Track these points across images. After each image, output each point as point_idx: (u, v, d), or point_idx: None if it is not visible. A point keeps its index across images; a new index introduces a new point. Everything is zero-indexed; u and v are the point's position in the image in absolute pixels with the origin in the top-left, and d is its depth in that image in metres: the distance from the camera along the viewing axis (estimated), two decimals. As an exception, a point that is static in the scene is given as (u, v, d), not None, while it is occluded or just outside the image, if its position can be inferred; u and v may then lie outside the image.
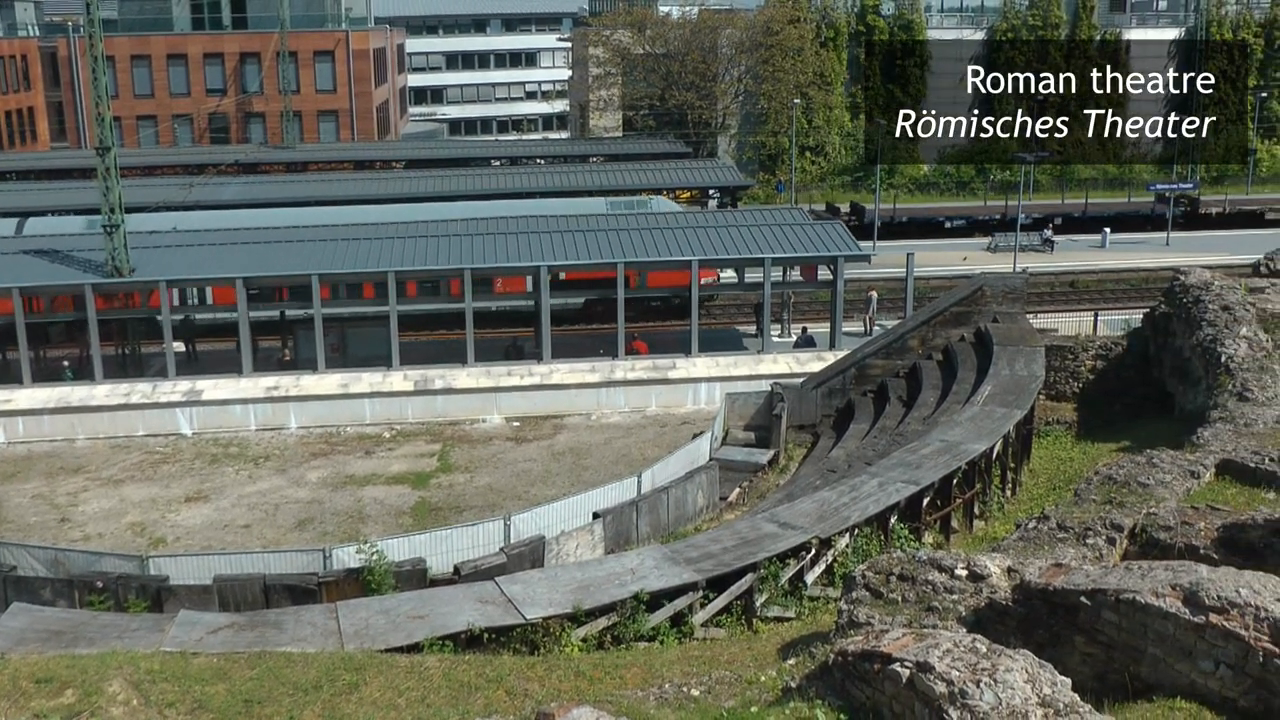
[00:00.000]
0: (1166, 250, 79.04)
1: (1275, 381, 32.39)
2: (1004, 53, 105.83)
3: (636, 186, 68.76)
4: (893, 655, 11.09)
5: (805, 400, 42.85)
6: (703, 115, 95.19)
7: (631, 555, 25.34)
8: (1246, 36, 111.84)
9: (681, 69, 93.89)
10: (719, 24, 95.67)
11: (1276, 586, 12.18)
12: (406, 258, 47.25)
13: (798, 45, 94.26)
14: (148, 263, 46.79)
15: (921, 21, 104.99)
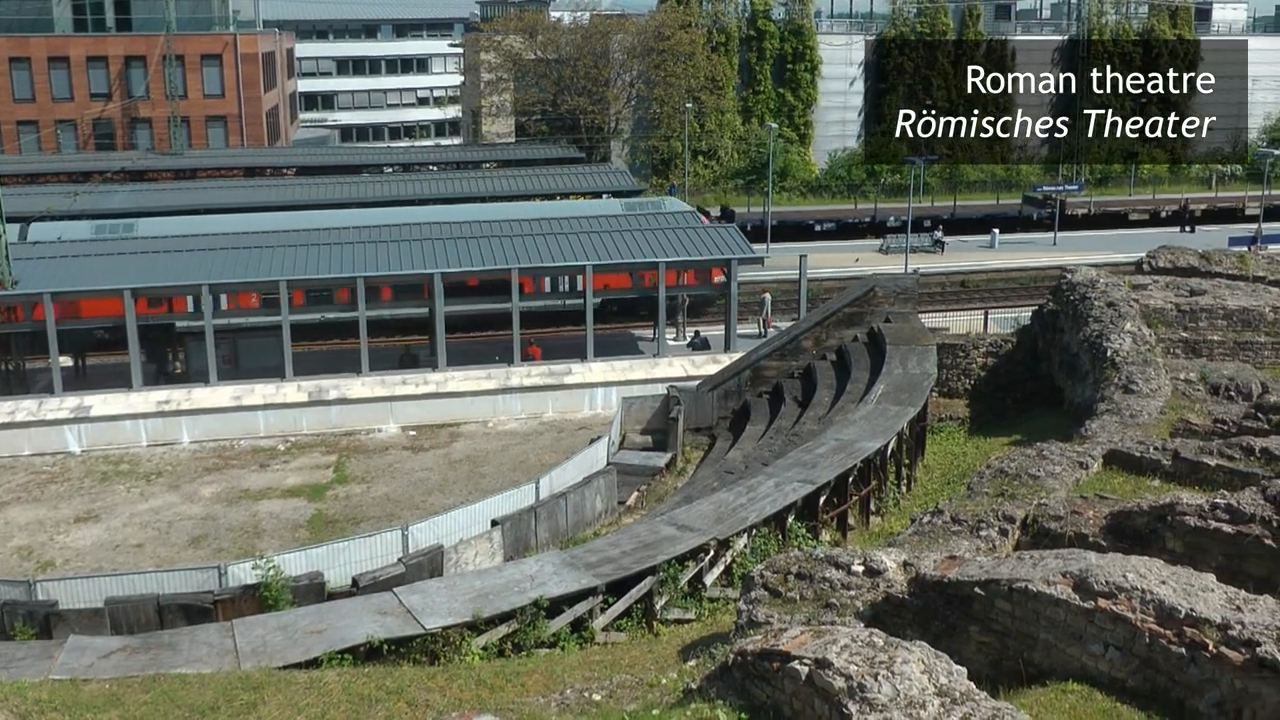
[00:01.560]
0: (1053, 250, 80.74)
1: (1159, 374, 33.25)
2: (893, 58, 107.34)
3: (530, 192, 68.64)
4: (791, 653, 11.18)
5: (701, 403, 43.09)
6: (595, 120, 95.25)
7: (530, 562, 25.29)
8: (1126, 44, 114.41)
9: (573, 74, 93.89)
10: (610, 29, 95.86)
11: (1161, 570, 12.58)
12: (299, 266, 46.70)
13: (689, 50, 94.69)
14: (31, 274, 45.65)
15: (812, 26, 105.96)
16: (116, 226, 55.35)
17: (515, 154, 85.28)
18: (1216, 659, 11.35)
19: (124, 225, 55.59)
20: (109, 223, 56.20)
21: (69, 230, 54.17)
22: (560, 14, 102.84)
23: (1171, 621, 11.79)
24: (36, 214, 56.20)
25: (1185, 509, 17.52)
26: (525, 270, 48.11)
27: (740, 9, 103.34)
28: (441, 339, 46.43)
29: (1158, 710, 11.58)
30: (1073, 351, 38.81)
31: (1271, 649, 10.99)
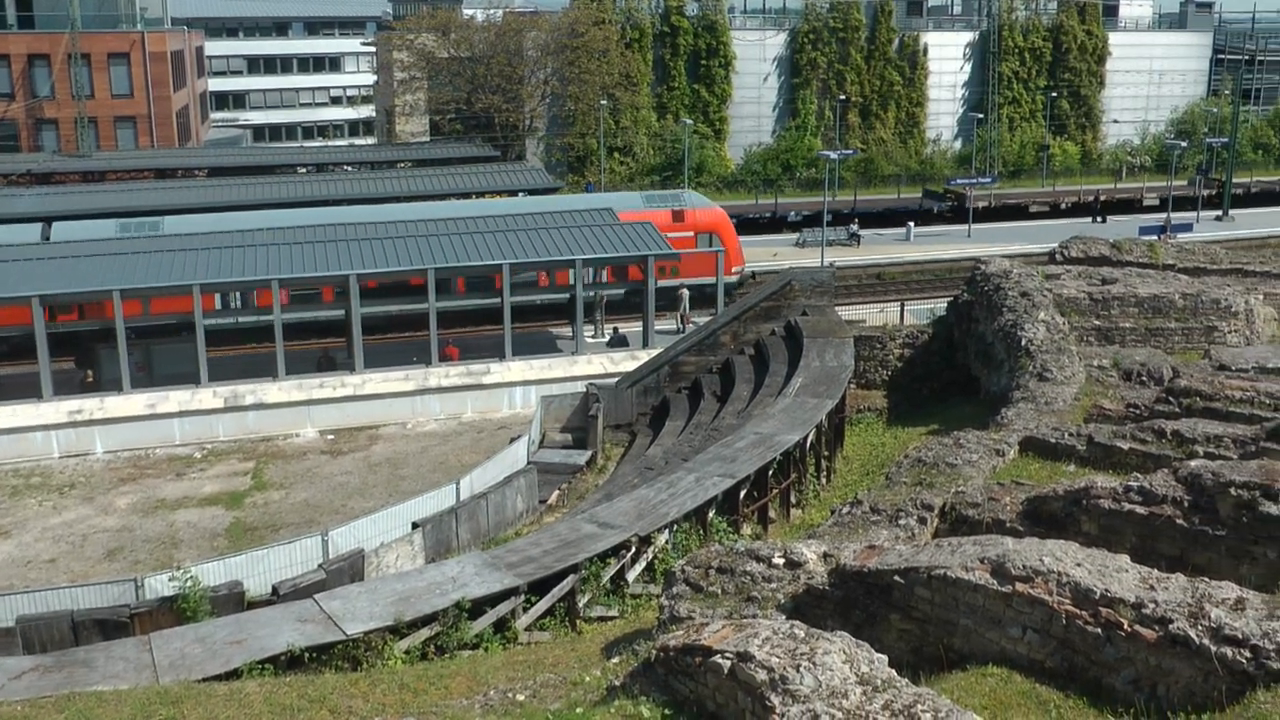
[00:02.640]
0: (967, 241, 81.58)
1: (1072, 362, 33.77)
2: (806, 53, 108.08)
3: (446, 191, 68.26)
4: (713, 647, 11.19)
5: (621, 399, 43.10)
6: (510, 118, 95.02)
7: (452, 563, 25.14)
8: (1036, 40, 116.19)
9: (487, 72, 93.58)
10: (524, 27, 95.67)
11: (1076, 553, 12.75)
12: (212, 270, 46.03)
13: (603, 47, 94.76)
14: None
15: (725, 22, 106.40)
16: (142, 225, 55.63)
17: (430, 153, 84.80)
18: (1131, 637, 11.54)
19: (150, 224, 56.08)
20: (134, 220, 56.58)
21: (95, 229, 54.27)
22: (473, 12, 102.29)
23: (1087, 602, 11.95)
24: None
25: (1100, 492, 17.76)
26: (441, 270, 47.79)
27: (654, 5, 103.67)
28: (358, 341, 45.99)
29: (1075, 689, 11.74)
30: (988, 341, 39.28)
31: (1183, 625, 11.19)
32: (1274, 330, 44.39)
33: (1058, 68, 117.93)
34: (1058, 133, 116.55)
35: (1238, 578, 14.11)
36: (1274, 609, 11.13)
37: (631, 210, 60.94)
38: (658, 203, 64.24)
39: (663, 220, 60.79)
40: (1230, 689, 10.61)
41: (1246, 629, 10.88)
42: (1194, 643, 11.04)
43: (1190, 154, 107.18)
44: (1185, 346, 39.86)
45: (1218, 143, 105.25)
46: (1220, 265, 49.74)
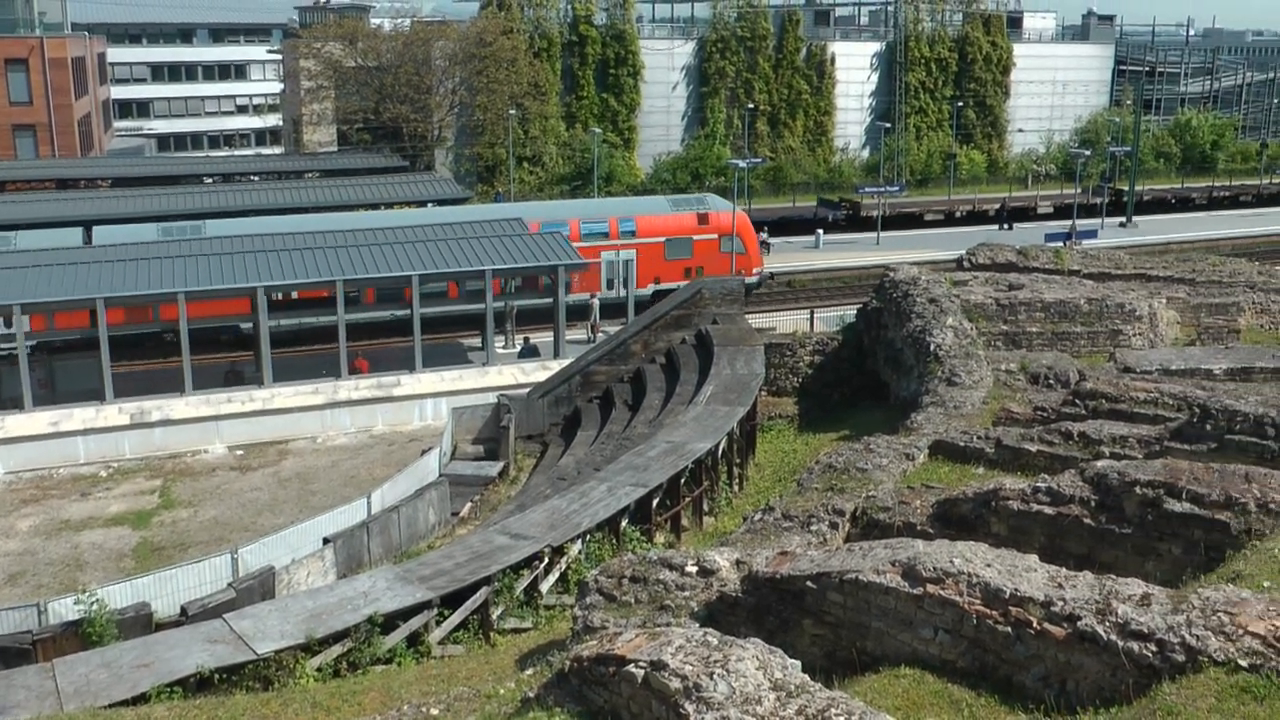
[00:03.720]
0: (876, 249, 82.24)
1: (980, 366, 34.18)
2: (714, 62, 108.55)
3: (355, 202, 67.64)
4: (627, 657, 11.13)
5: (532, 410, 42.96)
6: (418, 128, 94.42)
7: (364, 578, 24.87)
8: (942, 51, 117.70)
9: (395, 82, 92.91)
10: (431, 36, 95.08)
11: (986, 554, 12.88)
12: (116, 283, 45.10)
13: (511, 56, 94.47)
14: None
15: (633, 31, 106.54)
16: (184, 228, 55.75)
17: (338, 163, 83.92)
18: (1040, 635, 11.67)
19: (191, 227, 56.30)
20: (177, 225, 56.86)
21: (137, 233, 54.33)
22: (380, 21, 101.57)
23: (997, 602, 12.06)
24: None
25: (1008, 494, 17.97)
26: (350, 281, 47.36)
27: (562, 15, 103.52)
28: (267, 354, 45.39)
29: (987, 688, 11.86)
30: (897, 347, 39.66)
31: (1091, 622, 11.34)
32: (1177, 333, 45.27)
33: (964, 78, 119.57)
34: (964, 142, 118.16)
35: (1143, 574, 14.35)
36: (1178, 604, 11.29)
37: (658, 213, 64.06)
38: (683, 206, 65.95)
39: (689, 223, 64.16)
40: (1137, 683, 10.77)
41: (1152, 624, 11.05)
42: (1102, 639, 11.18)
43: (1094, 162, 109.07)
44: (1091, 350, 40.53)
45: (1120, 151, 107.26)
46: (1124, 270, 50.70)
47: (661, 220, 63.58)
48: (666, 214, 64.42)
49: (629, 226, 62.84)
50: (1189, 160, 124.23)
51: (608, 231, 62.54)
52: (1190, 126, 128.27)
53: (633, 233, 62.65)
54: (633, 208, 66.03)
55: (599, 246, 61.04)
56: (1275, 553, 14.19)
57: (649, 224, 63.09)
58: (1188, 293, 48.93)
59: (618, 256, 61.91)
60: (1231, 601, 11.16)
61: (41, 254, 48.32)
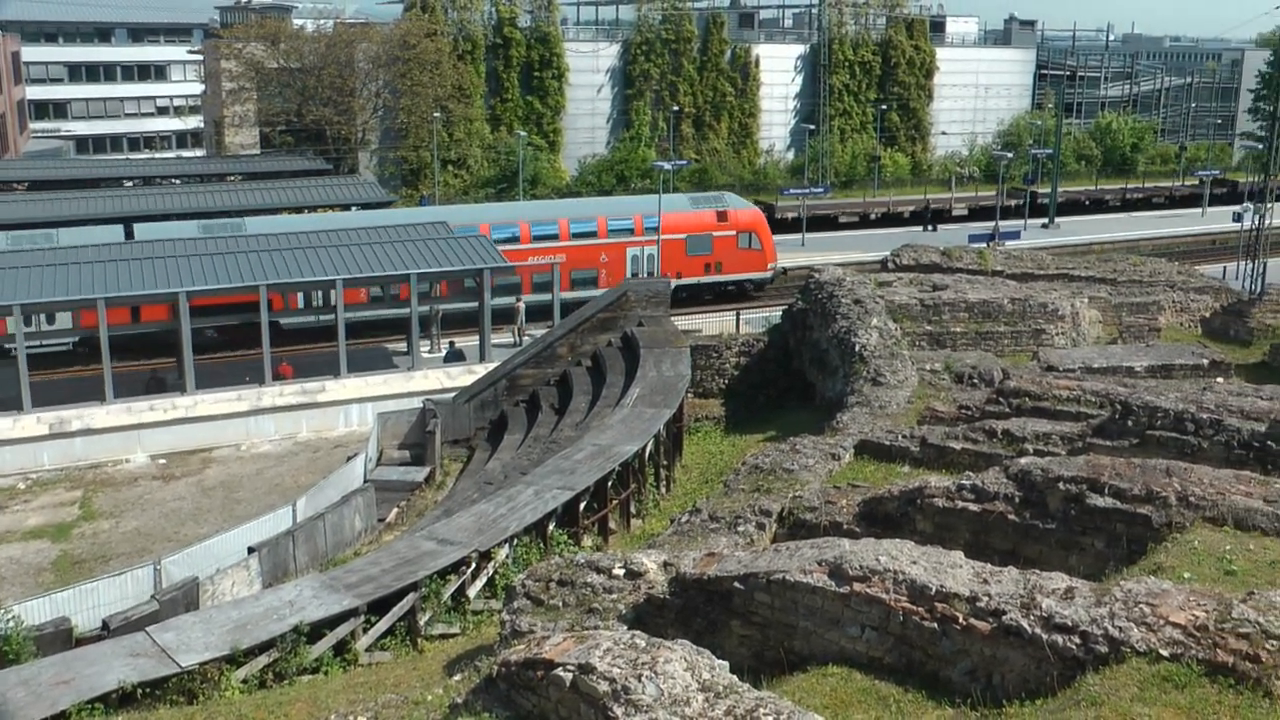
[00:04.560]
0: (801, 250, 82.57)
1: (905, 366, 34.43)
2: (639, 64, 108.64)
3: (278, 205, 67.00)
4: (554, 660, 11.10)
5: (458, 414, 42.72)
6: (342, 131, 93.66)
7: (289, 587, 24.62)
8: (866, 54, 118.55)
9: (318, 84, 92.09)
10: (355, 38, 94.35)
11: (911, 551, 12.95)
12: (33, 289, 44.23)
13: (435, 59, 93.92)
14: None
15: (558, 34, 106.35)
16: (225, 225, 56.69)
17: (261, 166, 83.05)
18: (966, 630, 11.74)
19: (233, 224, 57.49)
20: (217, 221, 58.13)
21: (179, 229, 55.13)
22: (303, 21, 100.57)
23: (923, 599, 12.12)
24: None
25: (934, 491, 18.07)
26: (274, 286, 46.85)
27: (486, 17, 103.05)
28: (189, 361, 44.76)
29: (914, 684, 11.92)
30: (823, 348, 39.85)
31: (1016, 616, 11.44)
32: (1099, 332, 45.91)
33: (887, 81, 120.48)
34: (888, 144, 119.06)
35: (1067, 568, 14.48)
36: (1101, 596, 11.41)
37: (679, 211, 65.98)
38: (703, 204, 68.47)
39: (709, 220, 66.56)
40: (1062, 674, 10.88)
41: (1076, 616, 11.15)
42: (1026, 632, 11.28)
43: (1016, 165, 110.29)
44: (1015, 349, 40.98)
45: (1042, 154, 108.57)
46: (1047, 270, 51.35)
47: (683, 217, 65.72)
48: (687, 211, 66.65)
49: (653, 223, 64.51)
50: (1110, 163, 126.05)
51: (633, 228, 64.86)
52: (1111, 129, 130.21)
53: (656, 229, 64.34)
54: (656, 206, 67.14)
55: (625, 243, 64.11)
56: (1195, 545, 14.39)
57: (671, 221, 64.79)
58: (1109, 292, 49.65)
59: (642, 252, 64.45)
60: (1153, 593, 11.29)
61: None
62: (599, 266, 61.87)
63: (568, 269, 59.19)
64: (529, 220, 63.40)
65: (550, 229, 62.80)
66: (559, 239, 62.36)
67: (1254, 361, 44.01)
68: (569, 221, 62.56)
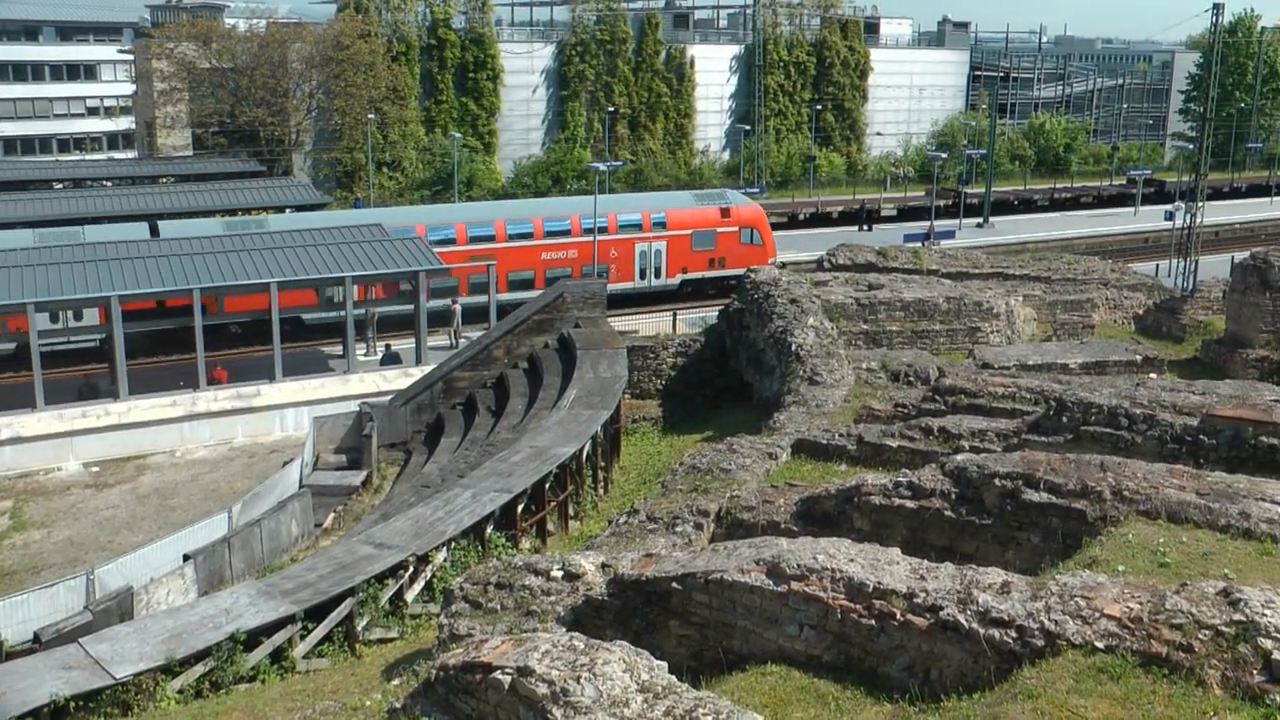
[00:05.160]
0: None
1: (841, 365, 34.60)
2: (574, 65, 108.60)
3: (212, 208, 66.28)
4: (493, 664, 11.03)
5: (395, 418, 42.47)
6: (276, 132, 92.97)
7: (225, 595, 24.37)
8: (801, 55, 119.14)
9: (251, 84, 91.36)
10: (288, 38, 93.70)
11: (849, 549, 12.98)
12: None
13: (369, 60, 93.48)
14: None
15: (493, 35, 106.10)
16: (248, 222, 57.90)
17: (194, 168, 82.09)
18: (904, 626, 11.78)
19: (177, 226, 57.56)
20: (242, 219, 60.11)
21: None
22: (235, 21, 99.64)
23: (861, 596, 12.15)
24: None
25: (870, 489, 18.13)
26: (207, 290, 46.32)
27: (420, 18, 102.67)
28: (122, 366, 44.13)
29: (852, 681, 11.94)
30: (759, 348, 39.96)
31: (953, 611, 11.48)
32: (1034, 329, 46.37)
33: (822, 81, 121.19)
34: (823, 144, 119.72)
35: (1003, 563, 14.57)
36: (1037, 590, 11.48)
37: (683, 208, 68.60)
38: (706, 200, 70.56)
39: (712, 216, 68.42)
40: (998, 668, 10.93)
41: (1012, 611, 11.21)
42: (963, 627, 11.33)
43: (951, 165, 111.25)
44: (950, 347, 41.31)
45: (977, 154, 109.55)
46: (982, 269, 51.80)
47: (688, 214, 67.98)
48: (692, 208, 68.81)
49: (660, 219, 67.00)
50: (1043, 163, 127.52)
51: (641, 224, 66.64)
52: (1044, 130, 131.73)
53: (663, 225, 66.72)
54: (663, 202, 70.74)
55: (634, 239, 66.05)
56: (1129, 538, 14.53)
57: (678, 217, 67.38)
58: (1043, 290, 50.18)
59: (650, 247, 66.50)
60: (1088, 586, 11.38)
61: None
62: (609, 261, 64.06)
63: (580, 263, 62.92)
64: (543, 217, 65.52)
65: (564, 225, 64.81)
66: (570, 234, 64.42)
67: (1186, 357, 44.65)
68: (579, 219, 64.54)
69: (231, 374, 47.14)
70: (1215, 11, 70.33)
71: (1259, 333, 43.58)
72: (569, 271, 62.06)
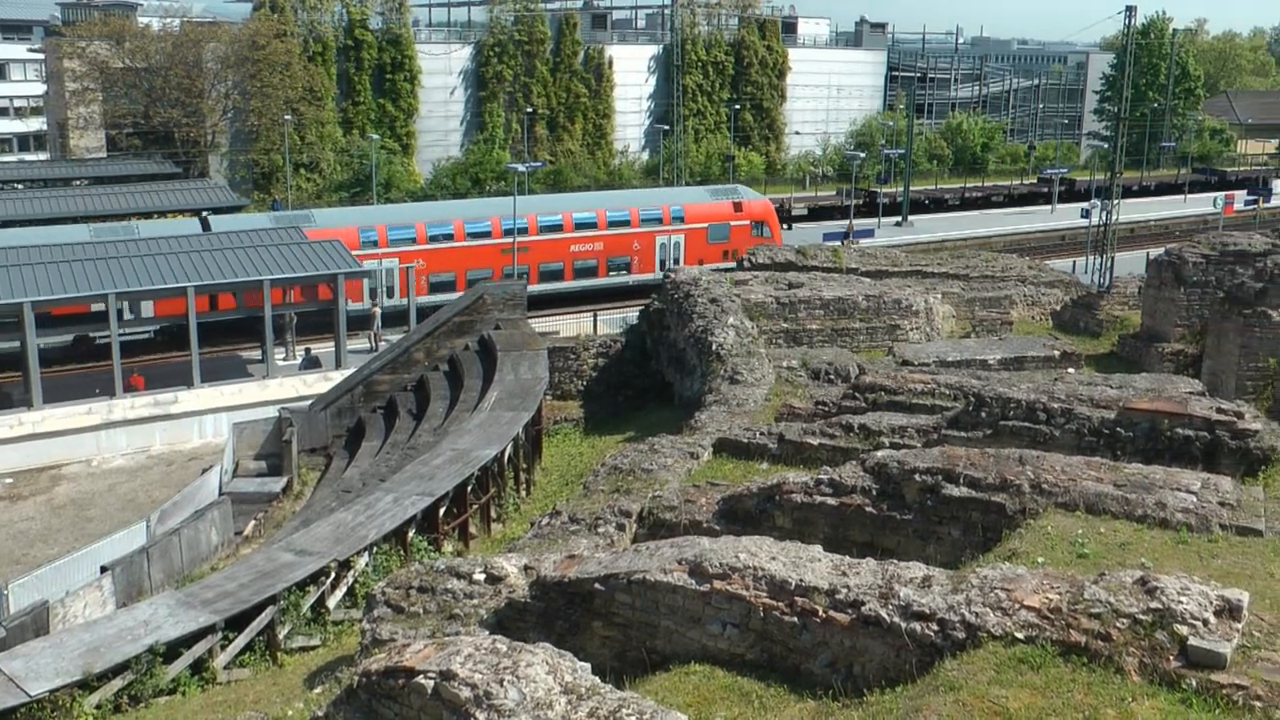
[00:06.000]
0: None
1: (762, 364, 34.71)
2: (492, 66, 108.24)
3: (126, 211, 65.30)
4: (415, 668, 10.96)
5: (315, 423, 42.06)
6: (191, 134, 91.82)
7: (144, 606, 23.93)
8: (719, 55, 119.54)
9: (166, 84, 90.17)
10: (202, 37, 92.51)
11: (771, 547, 13.02)
12: None
13: (285, 60, 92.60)
14: None
15: (410, 36, 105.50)
16: (116, 228, 57.45)
17: (108, 170, 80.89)
18: (826, 623, 11.84)
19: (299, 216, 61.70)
20: (288, 214, 63.95)
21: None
22: (148, 20, 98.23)
23: (783, 593, 12.18)
24: None
25: (792, 487, 18.20)
26: (123, 294, 45.61)
27: (337, 18, 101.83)
28: (35, 375, 43.33)
29: (775, 678, 11.98)
30: (680, 347, 40.02)
31: (875, 606, 11.57)
32: (953, 327, 46.81)
33: (740, 81, 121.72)
34: (742, 144, 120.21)
35: (924, 557, 14.71)
36: (958, 584, 11.58)
37: (699, 202, 73.02)
38: (720, 195, 74.99)
39: (726, 210, 72.81)
40: (920, 661, 11.02)
41: (933, 604, 11.31)
42: (885, 622, 11.40)
43: (869, 164, 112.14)
44: (870, 345, 41.57)
45: (895, 153, 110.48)
46: (901, 267, 52.19)
47: (705, 208, 72.36)
48: (708, 203, 73.20)
49: (678, 214, 71.41)
50: (961, 162, 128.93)
51: (661, 218, 70.82)
52: (961, 130, 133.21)
53: (681, 219, 71.06)
54: (681, 197, 75.21)
55: (655, 232, 70.14)
56: (1048, 530, 14.71)
57: (695, 211, 71.93)
58: (962, 288, 50.66)
59: (669, 240, 70.41)
60: (1008, 578, 11.50)
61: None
62: (632, 254, 67.67)
63: (605, 255, 67.68)
64: (571, 211, 69.82)
65: (590, 217, 69.08)
66: (597, 227, 68.65)
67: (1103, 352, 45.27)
68: (605, 213, 69.34)
69: (149, 380, 46.46)
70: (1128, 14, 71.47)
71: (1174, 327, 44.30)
72: (594, 264, 67.24)
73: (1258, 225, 75.43)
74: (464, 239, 64.98)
